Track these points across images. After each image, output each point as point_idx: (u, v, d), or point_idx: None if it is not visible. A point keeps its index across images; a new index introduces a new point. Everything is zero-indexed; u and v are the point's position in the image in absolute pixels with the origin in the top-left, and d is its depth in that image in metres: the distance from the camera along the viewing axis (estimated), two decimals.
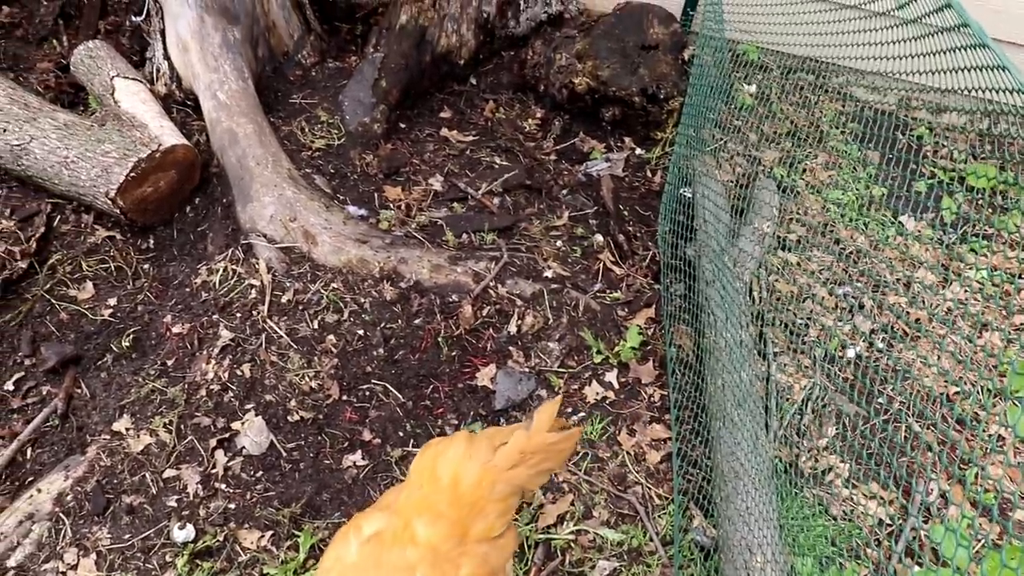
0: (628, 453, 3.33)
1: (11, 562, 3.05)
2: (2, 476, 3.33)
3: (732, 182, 4.38)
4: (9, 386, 3.57)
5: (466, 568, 2.03)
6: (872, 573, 3.06)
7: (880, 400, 3.62)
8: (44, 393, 3.56)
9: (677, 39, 4.52)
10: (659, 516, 3.19)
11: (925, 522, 3.26)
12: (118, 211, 3.74)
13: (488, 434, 2.18)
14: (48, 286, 3.77)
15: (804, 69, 5.17)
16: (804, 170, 4.60)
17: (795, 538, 3.18)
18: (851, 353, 3.77)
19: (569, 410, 3.42)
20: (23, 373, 3.61)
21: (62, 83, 4.50)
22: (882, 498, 3.31)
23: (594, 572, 3.04)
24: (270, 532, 3.08)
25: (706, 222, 3.87)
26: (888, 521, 3.24)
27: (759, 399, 3.41)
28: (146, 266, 3.87)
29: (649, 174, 4.53)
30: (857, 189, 4.50)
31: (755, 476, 3.11)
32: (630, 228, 4.14)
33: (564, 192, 4.32)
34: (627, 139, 4.68)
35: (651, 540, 3.13)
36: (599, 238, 4.07)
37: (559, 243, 4.01)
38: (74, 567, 3.03)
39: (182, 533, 3.07)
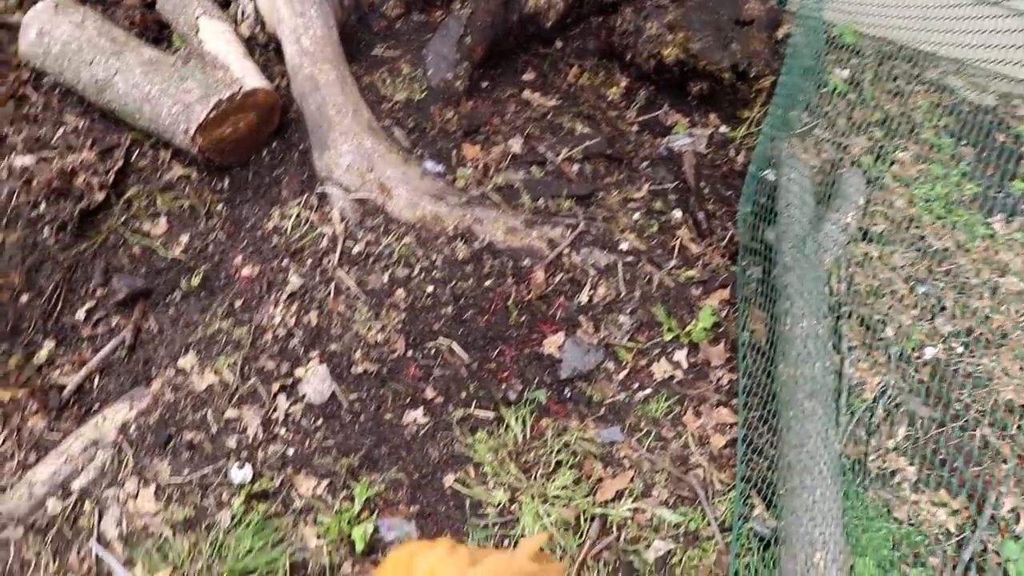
0: (692, 435, 3.25)
1: (75, 485, 3.10)
2: (70, 402, 3.37)
3: (817, 168, 4.23)
4: (80, 315, 3.61)
5: None
6: None
7: (956, 406, 3.48)
8: (113, 324, 3.59)
9: (773, 16, 4.37)
10: (719, 501, 3.12)
11: (994, 536, 3.13)
12: (196, 149, 3.73)
13: (471, 550, 2.08)
14: (123, 219, 3.78)
15: (900, 57, 4.97)
16: (892, 161, 4.42)
17: (857, 538, 3.09)
18: (928, 354, 3.63)
19: (636, 386, 3.35)
20: (94, 303, 3.64)
21: (147, 20, 4.50)
22: (950, 506, 3.19)
23: (649, 551, 2.99)
24: (326, 481, 3.07)
25: (789, 206, 3.75)
26: (954, 531, 3.13)
27: (831, 393, 3.30)
28: (220, 206, 3.87)
29: (733, 153, 4.39)
30: (947, 185, 4.32)
31: (823, 471, 3.01)
32: (710, 206, 4.03)
33: (644, 164, 4.21)
34: (712, 115, 4.55)
35: (709, 524, 3.06)
36: (678, 214, 3.97)
37: (636, 216, 3.92)
38: (134, 496, 3.06)
39: (240, 474, 3.08)
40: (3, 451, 3.24)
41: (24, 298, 3.64)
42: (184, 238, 3.76)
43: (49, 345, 3.51)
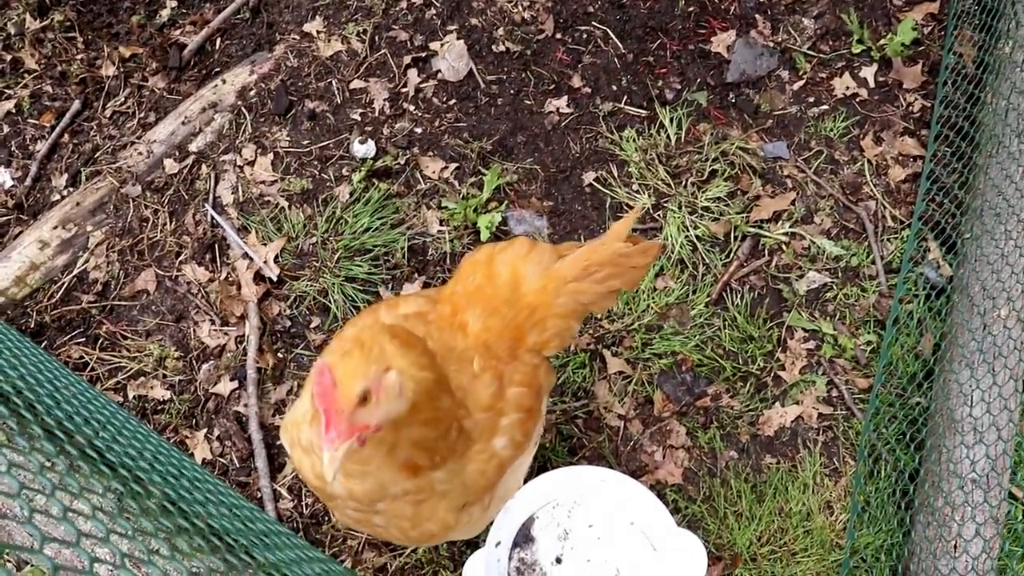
0: (869, 162, 2.83)
1: (192, 147, 2.94)
2: (191, 63, 3.17)
3: None
4: None
5: (518, 375, 1.78)
6: None
7: None
8: None
9: None
10: (889, 240, 2.74)
11: None
12: None
13: (551, 246, 1.91)
14: None
15: None
16: None
17: None
18: None
19: (811, 100, 2.92)
20: None
21: None
22: None
23: (801, 282, 2.67)
24: (455, 165, 2.81)
25: None
26: None
27: None
28: None
29: None
30: None
31: (1021, 219, 2.58)
32: None
33: None
34: None
35: (873, 263, 2.70)
36: None
37: None
38: (251, 163, 2.89)
39: (362, 148, 2.85)
40: (125, 109, 3.10)
41: None
42: None
43: (172, 4, 3.29)
